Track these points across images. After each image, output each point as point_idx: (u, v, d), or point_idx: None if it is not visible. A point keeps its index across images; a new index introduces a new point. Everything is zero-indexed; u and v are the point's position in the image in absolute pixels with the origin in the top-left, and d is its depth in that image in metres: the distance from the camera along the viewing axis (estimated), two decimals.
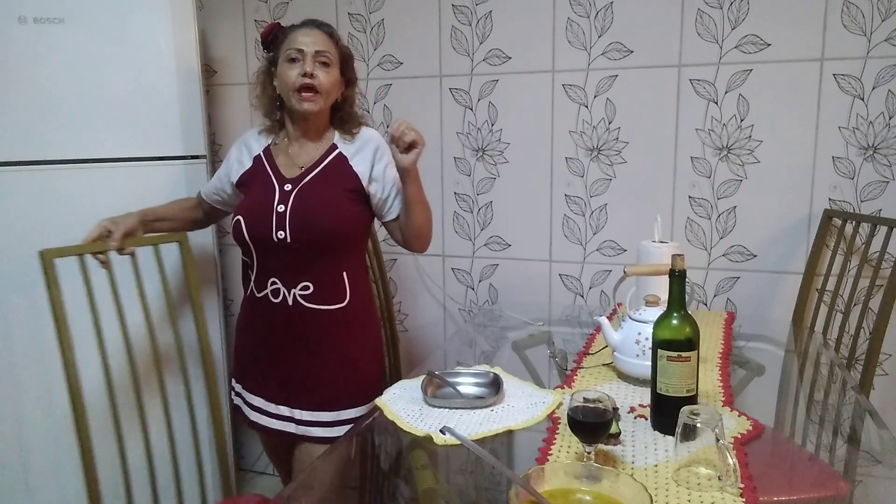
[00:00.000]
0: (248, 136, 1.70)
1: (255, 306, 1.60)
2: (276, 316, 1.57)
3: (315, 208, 1.52)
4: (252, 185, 1.61)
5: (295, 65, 1.51)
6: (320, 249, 1.53)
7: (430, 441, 1.14)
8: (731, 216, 2.02)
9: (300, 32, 1.53)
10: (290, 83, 1.51)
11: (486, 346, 1.81)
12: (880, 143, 1.87)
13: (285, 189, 1.54)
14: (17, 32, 1.78)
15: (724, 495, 0.94)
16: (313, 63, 1.50)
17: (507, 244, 2.26)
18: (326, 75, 1.52)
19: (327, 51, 1.53)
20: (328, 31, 1.56)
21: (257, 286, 1.58)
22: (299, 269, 1.53)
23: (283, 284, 1.54)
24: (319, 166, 1.57)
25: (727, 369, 1.46)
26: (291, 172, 1.57)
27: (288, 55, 1.52)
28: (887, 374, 1.95)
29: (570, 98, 2.11)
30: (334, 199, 1.54)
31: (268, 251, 1.54)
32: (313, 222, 1.51)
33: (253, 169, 1.63)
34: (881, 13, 1.81)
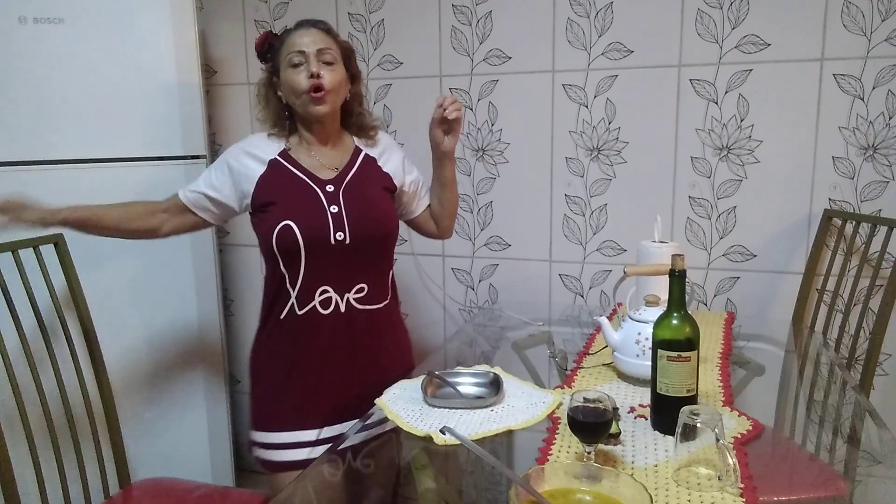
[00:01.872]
0: (250, 144, 1.54)
1: (293, 328, 1.47)
2: (326, 329, 1.47)
3: (370, 207, 1.50)
4: (279, 189, 1.48)
5: (299, 68, 1.44)
6: (375, 249, 1.52)
7: (430, 441, 1.14)
8: (731, 216, 2.02)
9: (297, 34, 1.47)
10: (297, 88, 1.44)
11: (486, 346, 1.81)
12: (880, 143, 1.87)
13: (328, 190, 1.48)
14: (17, 32, 1.78)
15: (724, 495, 0.94)
16: (318, 63, 1.44)
17: (507, 244, 2.26)
18: (333, 73, 1.46)
19: (329, 48, 1.46)
20: (325, 28, 1.50)
21: (301, 300, 1.46)
22: (354, 271, 1.48)
23: (336, 291, 1.47)
24: (353, 167, 1.53)
25: (727, 369, 1.46)
26: (326, 174, 1.50)
27: (290, 60, 1.45)
28: (887, 374, 1.95)
29: (570, 98, 2.11)
30: (380, 198, 1.54)
31: (321, 256, 1.45)
32: (371, 221, 1.49)
33: (271, 173, 1.49)
34: (881, 13, 1.81)
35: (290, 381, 1.50)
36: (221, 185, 1.52)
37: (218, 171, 1.53)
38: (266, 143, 1.53)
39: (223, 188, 1.52)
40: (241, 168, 1.51)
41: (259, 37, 1.54)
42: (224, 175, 1.52)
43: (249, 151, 1.52)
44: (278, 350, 1.51)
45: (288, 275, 1.46)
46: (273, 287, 1.49)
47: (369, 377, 1.49)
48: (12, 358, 1.47)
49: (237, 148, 1.55)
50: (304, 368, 1.49)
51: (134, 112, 1.91)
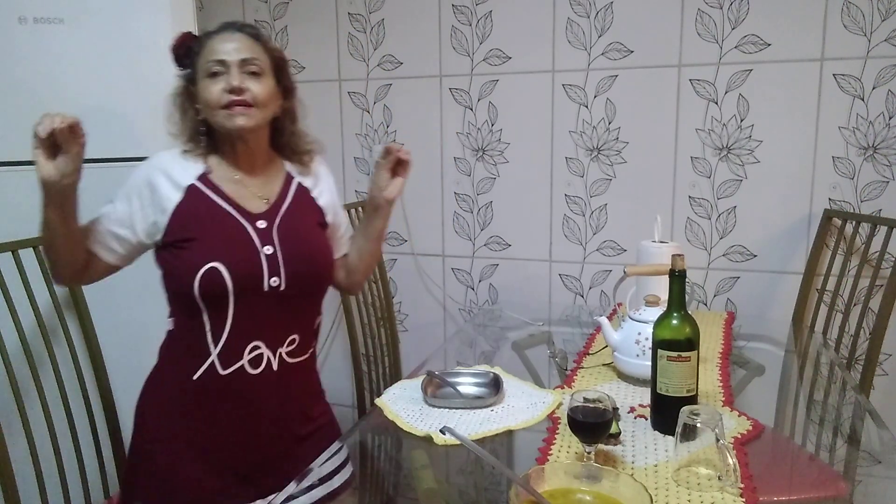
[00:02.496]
0: (162, 163, 1.27)
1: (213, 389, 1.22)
2: (255, 392, 1.23)
3: (308, 247, 1.29)
4: (201, 222, 1.23)
5: (217, 79, 1.21)
6: (312, 295, 1.32)
7: (430, 441, 1.14)
8: (731, 216, 2.02)
9: (219, 39, 1.23)
10: (213, 101, 1.21)
11: (486, 346, 1.81)
12: (880, 143, 1.87)
13: (259, 226, 1.24)
14: (17, 32, 1.77)
15: (724, 495, 0.94)
16: (240, 74, 1.21)
17: (507, 244, 2.26)
18: (259, 86, 1.22)
19: (255, 58, 1.23)
20: (252, 33, 1.26)
21: (225, 359, 1.21)
22: (288, 321, 1.26)
23: (268, 346, 1.23)
24: (286, 199, 1.31)
25: (727, 369, 1.46)
26: (256, 206, 1.27)
27: (208, 69, 1.21)
28: (887, 374, 1.95)
29: (570, 98, 2.11)
30: (317, 236, 1.34)
31: (252, 305, 1.21)
32: (309, 264, 1.28)
33: (189, 202, 1.23)
34: (881, 13, 1.81)
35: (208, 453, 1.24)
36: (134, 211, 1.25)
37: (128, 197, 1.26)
38: (181, 164, 1.27)
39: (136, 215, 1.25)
40: (158, 193, 1.24)
41: (176, 38, 1.30)
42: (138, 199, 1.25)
43: (166, 172, 1.26)
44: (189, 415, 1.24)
45: (210, 326, 1.21)
46: (185, 341, 1.24)
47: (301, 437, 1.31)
48: (12, 358, 1.47)
49: (151, 168, 1.27)
50: (226, 438, 1.24)
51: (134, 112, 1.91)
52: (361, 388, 2.13)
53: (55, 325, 1.61)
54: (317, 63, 2.36)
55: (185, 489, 1.24)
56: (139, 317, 1.97)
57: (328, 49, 2.34)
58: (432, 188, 2.29)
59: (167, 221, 1.23)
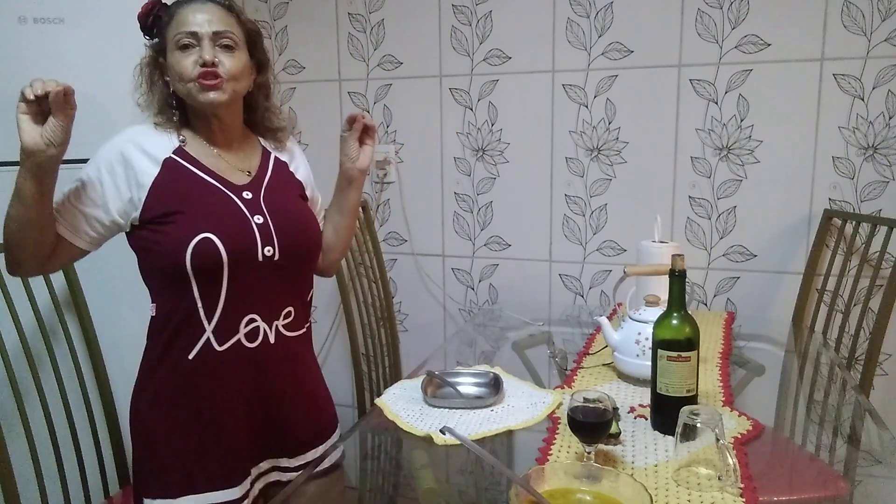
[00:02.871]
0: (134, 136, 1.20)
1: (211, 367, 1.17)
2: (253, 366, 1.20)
3: (296, 217, 1.27)
4: (184, 195, 1.16)
5: (189, 52, 1.15)
6: (304, 265, 1.29)
7: (430, 441, 1.14)
8: (731, 216, 2.02)
9: (190, 9, 1.17)
10: (185, 74, 1.15)
11: (486, 346, 1.81)
12: (880, 143, 1.87)
13: (245, 197, 1.20)
14: (17, 32, 1.77)
15: (724, 495, 0.94)
16: (212, 47, 1.15)
17: (507, 244, 2.26)
18: (232, 60, 1.17)
19: (229, 30, 1.18)
20: (225, 4, 1.20)
21: (221, 334, 1.16)
22: (283, 293, 1.23)
23: (263, 319, 1.20)
24: (268, 172, 1.28)
25: (727, 369, 1.46)
26: (238, 178, 1.23)
27: (178, 41, 1.16)
28: (887, 374, 1.95)
29: (570, 98, 2.11)
30: (303, 207, 1.32)
31: (247, 276, 1.17)
32: (301, 232, 1.26)
33: (168, 175, 1.17)
34: (881, 13, 1.81)
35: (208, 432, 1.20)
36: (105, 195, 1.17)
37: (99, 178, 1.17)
38: (155, 137, 1.20)
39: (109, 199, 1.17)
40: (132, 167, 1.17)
41: (143, 7, 1.22)
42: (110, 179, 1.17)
43: (140, 144, 1.18)
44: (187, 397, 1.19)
45: (202, 302, 1.15)
46: (175, 319, 1.17)
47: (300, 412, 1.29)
48: (12, 358, 1.47)
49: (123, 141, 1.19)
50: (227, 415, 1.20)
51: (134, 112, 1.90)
52: (361, 388, 2.13)
53: (55, 325, 1.61)
54: (317, 63, 2.36)
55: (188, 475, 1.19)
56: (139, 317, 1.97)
57: (328, 49, 2.34)
58: (432, 188, 2.29)
59: (145, 197, 1.15)
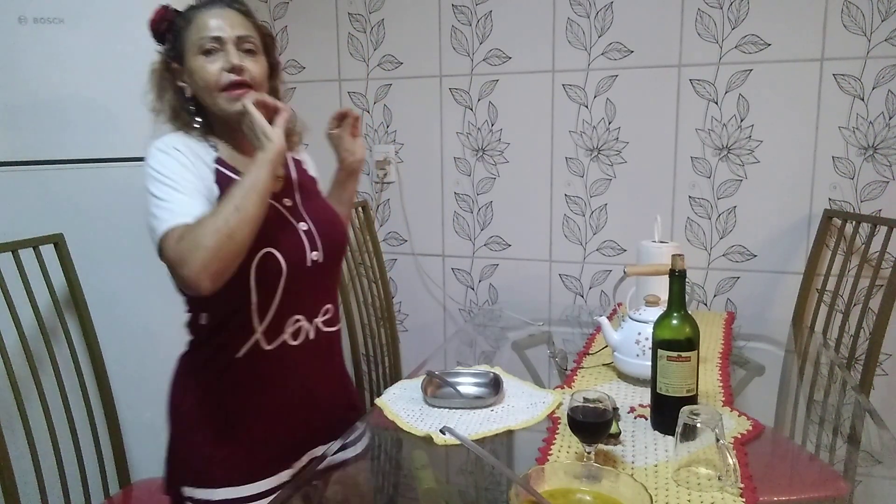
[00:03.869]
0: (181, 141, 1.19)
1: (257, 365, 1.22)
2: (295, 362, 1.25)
3: (331, 218, 1.31)
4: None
5: (213, 57, 1.16)
6: (339, 262, 1.35)
7: (430, 441, 1.14)
8: (731, 216, 2.02)
9: (210, 14, 1.18)
10: (212, 81, 1.16)
11: (486, 346, 1.81)
12: (880, 143, 1.87)
13: (286, 204, 1.25)
14: (17, 32, 1.77)
15: (724, 495, 0.94)
16: (238, 52, 1.17)
17: (507, 244, 2.26)
18: (256, 64, 1.19)
19: (251, 34, 1.20)
20: (243, 9, 1.22)
21: (269, 334, 1.21)
22: (323, 292, 1.29)
23: (307, 318, 1.25)
24: (293, 176, 1.31)
25: (727, 369, 1.46)
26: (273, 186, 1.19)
27: (201, 45, 1.16)
28: (887, 374, 1.95)
29: (570, 98, 2.11)
30: (329, 205, 1.36)
31: (297, 281, 1.21)
32: (339, 234, 1.32)
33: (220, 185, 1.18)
34: (881, 13, 1.81)
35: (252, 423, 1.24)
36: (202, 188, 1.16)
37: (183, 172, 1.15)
38: (195, 144, 1.21)
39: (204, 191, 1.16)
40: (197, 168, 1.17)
41: (155, 13, 1.23)
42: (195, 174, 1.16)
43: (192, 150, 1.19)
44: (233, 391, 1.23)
45: (257, 308, 1.19)
46: (228, 325, 1.20)
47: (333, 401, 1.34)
48: (12, 358, 1.47)
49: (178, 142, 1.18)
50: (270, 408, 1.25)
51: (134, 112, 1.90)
52: (361, 388, 2.13)
53: (55, 325, 1.62)
54: (317, 63, 2.36)
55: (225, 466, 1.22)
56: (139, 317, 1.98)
57: (328, 49, 2.34)
58: (432, 188, 2.29)
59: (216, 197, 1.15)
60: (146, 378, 2.00)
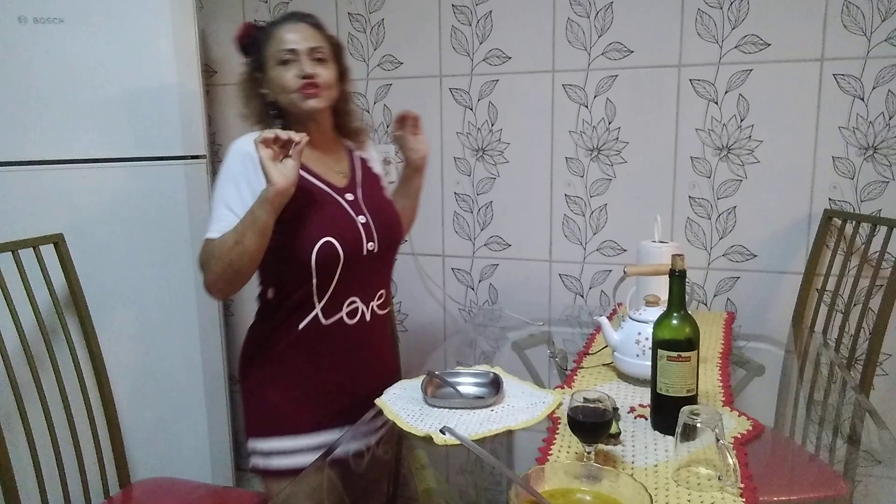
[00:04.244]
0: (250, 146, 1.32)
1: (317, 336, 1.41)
2: (350, 338, 1.44)
3: (388, 212, 1.50)
4: (304, 201, 1.34)
5: (289, 66, 1.35)
6: (395, 252, 1.53)
7: (430, 441, 1.14)
8: (731, 216, 2.02)
9: (286, 29, 1.37)
10: (288, 86, 1.35)
11: (486, 346, 1.81)
12: (880, 143, 1.87)
13: (348, 199, 1.42)
14: (17, 32, 1.78)
15: (724, 495, 0.94)
16: (310, 61, 1.35)
17: (507, 244, 2.26)
18: (326, 71, 1.38)
19: (321, 46, 1.38)
20: (314, 23, 1.41)
21: (328, 312, 1.40)
22: (378, 279, 1.48)
23: (363, 300, 1.44)
24: (358, 172, 1.49)
25: (727, 369, 1.46)
26: (339, 181, 1.44)
27: (279, 57, 1.35)
28: (887, 374, 1.95)
29: (570, 98, 2.11)
30: (389, 201, 1.54)
31: (354, 268, 1.40)
32: (394, 227, 1.49)
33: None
34: (881, 13, 1.81)
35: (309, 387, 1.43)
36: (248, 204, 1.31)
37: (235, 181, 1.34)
38: None
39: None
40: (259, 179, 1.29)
41: (241, 29, 1.42)
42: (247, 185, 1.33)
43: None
44: (294, 358, 1.42)
45: (317, 288, 1.38)
46: (294, 299, 1.39)
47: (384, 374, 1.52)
48: (12, 358, 1.47)
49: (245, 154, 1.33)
50: (325, 375, 1.43)
51: (134, 112, 1.91)
52: None
53: (55, 325, 1.62)
54: None
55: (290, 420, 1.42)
56: (139, 317, 1.98)
57: None
58: (432, 188, 2.29)
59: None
60: (146, 378, 2.00)
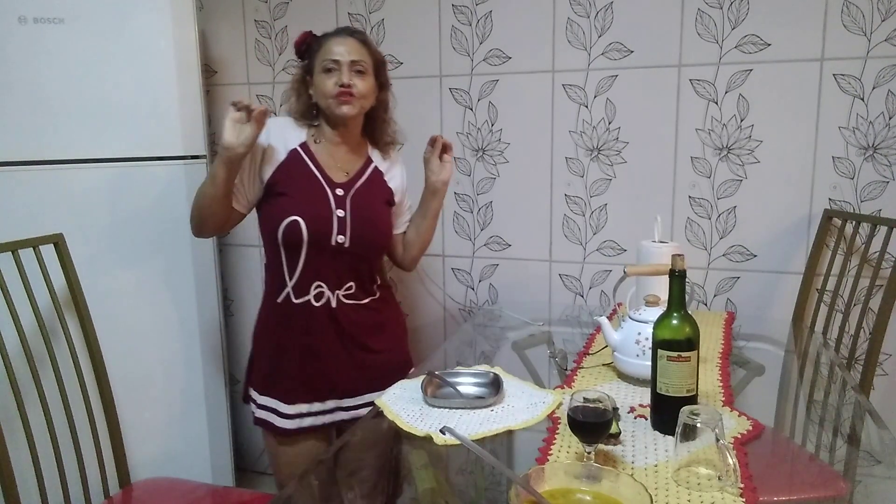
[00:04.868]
0: (283, 125, 1.62)
1: (289, 313, 1.60)
2: (318, 319, 1.59)
3: (372, 217, 1.62)
4: (294, 181, 1.57)
5: (331, 74, 1.54)
6: (369, 254, 1.63)
7: (430, 441, 1.14)
8: (731, 216, 2.02)
9: (335, 41, 1.55)
10: (327, 92, 1.54)
11: (486, 346, 1.81)
12: (880, 143, 1.87)
13: (337, 194, 1.58)
14: (17, 32, 1.78)
15: (724, 495, 0.94)
16: (350, 73, 1.53)
17: (507, 244, 2.26)
18: (363, 83, 1.56)
19: (362, 59, 1.56)
20: (361, 38, 1.59)
21: (297, 291, 1.58)
22: (346, 271, 1.60)
23: (329, 287, 1.58)
24: (363, 176, 1.64)
25: (727, 369, 1.46)
26: (338, 177, 1.60)
27: (324, 65, 1.55)
28: (887, 374, 1.95)
29: (570, 98, 2.11)
30: (381, 210, 1.66)
31: (320, 254, 1.56)
32: (371, 230, 1.61)
33: (289, 162, 1.58)
34: (881, 13, 1.81)
35: (283, 357, 1.62)
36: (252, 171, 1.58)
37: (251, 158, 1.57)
38: (291, 129, 1.62)
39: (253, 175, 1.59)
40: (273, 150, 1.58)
41: (299, 37, 1.62)
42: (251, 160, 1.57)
43: (283, 134, 1.60)
44: (274, 328, 1.64)
45: (287, 265, 1.57)
46: (272, 272, 1.61)
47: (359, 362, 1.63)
48: (12, 358, 1.47)
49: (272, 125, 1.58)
50: (297, 350, 1.61)
51: (134, 112, 1.91)
52: None
53: (55, 325, 1.62)
54: None
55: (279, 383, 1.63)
56: (139, 317, 1.98)
57: None
58: None
59: (272, 173, 1.57)
60: (146, 378, 2.00)
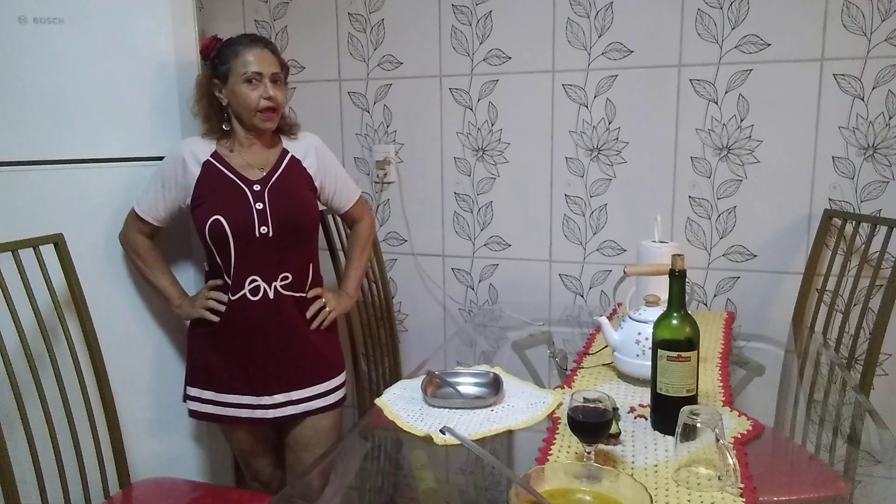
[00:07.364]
0: (188, 146, 1.68)
1: (229, 310, 1.65)
2: (256, 313, 1.64)
3: (290, 204, 1.65)
4: (213, 189, 1.63)
5: (254, 87, 1.59)
6: (295, 241, 1.67)
7: (430, 441, 1.14)
8: (731, 216, 2.02)
9: (252, 53, 1.59)
10: (251, 105, 1.59)
11: (486, 346, 1.81)
12: (880, 143, 1.87)
13: (255, 189, 1.63)
14: (17, 32, 1.77)
15: (724, 495, 0.94)
16: (271, 84, 1.60)
17: (507, 244, 2.26)
18: (281, 93, 1.63)
19: (279, 71, 1.63)
20: (274, 49, 1.65)
21: (233, 288, 1.64)
22: (279, 261, 1.64)
23: (263, 279, 1.63)
24: (279, 169, 1.68)
25: (727, 369, 1.46)
26: (254, 175, 1.65)
27: (245, 76, 1.58)
28: (887, 374, 1.95)
29: (570, 98, 2.11)
30: (301, 196, 1.69)
31: (248, 247, 1.62)
32: (291, 216, 1.65)
33: (205, 174, 1.65)
34: (881, 13, 1.81)
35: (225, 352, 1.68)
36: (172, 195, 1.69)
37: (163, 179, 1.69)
38: (200, 146, 1.68)
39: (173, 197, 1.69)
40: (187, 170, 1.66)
41: (207, 40, 1.65)
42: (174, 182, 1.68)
43: (190, 157, 1.66)
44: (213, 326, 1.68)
45: (222, 264, 1.64)
46: (210, 271, 1.70)
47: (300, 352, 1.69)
48: (12, 358, 1.47)
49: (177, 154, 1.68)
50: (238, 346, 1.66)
51: (134, 112, 1.91)
52: (361, 388, 2.13)
53: (55, 325, 1.61)
54: (317, 63, 2.36)
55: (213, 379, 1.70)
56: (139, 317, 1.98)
57: (328, 49, 2.34)
58: (432, 188, 2.29)
59: (192, 189, 1.65)
60: (146, 378, 2.00)
